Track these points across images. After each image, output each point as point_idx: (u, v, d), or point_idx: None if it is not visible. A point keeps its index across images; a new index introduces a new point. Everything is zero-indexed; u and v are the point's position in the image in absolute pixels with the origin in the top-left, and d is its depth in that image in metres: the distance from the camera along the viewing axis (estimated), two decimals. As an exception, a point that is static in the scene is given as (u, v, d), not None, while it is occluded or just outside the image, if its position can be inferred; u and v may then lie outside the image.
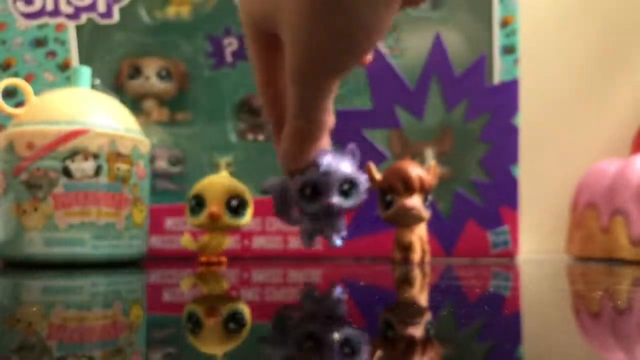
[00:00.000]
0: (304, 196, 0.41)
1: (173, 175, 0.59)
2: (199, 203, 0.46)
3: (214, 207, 0.45)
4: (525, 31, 0.68)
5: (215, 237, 0.47)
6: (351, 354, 0.17)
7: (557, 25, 0.77)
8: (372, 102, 0.59)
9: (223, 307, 0.26)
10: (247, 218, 0.47)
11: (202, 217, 0.46)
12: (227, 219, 0.46)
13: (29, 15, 0.57)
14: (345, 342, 0.18)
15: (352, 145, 0.43)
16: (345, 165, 0.41)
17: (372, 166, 0.48)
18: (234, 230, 0.49)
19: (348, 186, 0.41)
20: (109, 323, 0.21)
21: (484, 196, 0.59)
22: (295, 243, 0.57)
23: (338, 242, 0.42)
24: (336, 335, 0.19)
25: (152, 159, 0.52)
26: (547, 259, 0.64)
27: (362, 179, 0.42)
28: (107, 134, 0.43)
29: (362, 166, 0.44)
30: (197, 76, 0.59)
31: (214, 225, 0.46)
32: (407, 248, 0.47)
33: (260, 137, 0.61)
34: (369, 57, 0.39)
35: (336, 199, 0.41)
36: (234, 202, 0.46)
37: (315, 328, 0.21)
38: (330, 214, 0.41)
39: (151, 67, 0.59)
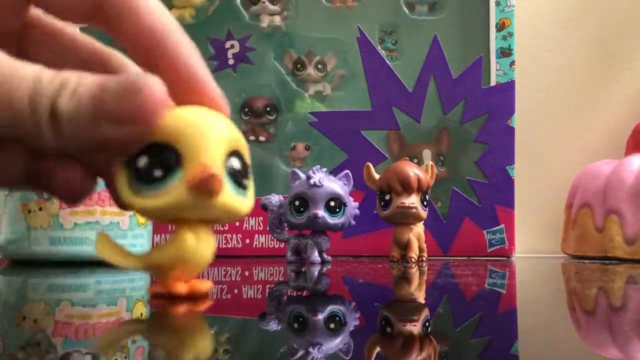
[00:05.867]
0: (294, 207, 0.46)
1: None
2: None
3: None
4: (522, 34, 0.69)
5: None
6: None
7: (553, 28, 0.78)
8: (371, 103, 0.60)
9: (226, 305, 0.26)
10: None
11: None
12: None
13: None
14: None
15: (347, 171, 0.47)
16: (335, 185, 0.46)
17: (371, 167, 0.49)
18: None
19: (335, 204, 0.44)
20: (114, 320, 0.21)
21: (481, 196, 0.60)
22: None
23: (317, 258, 0.45)
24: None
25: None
26: (543, 258, 0.65)
27: (351, 204, 0.46)
28: (111, 135, 0.44)
29: (357, 189, 0.47)
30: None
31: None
32: (404, 246, 0.48)
33: (262, 138, 0.61)
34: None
35: (321, 212, 0.45)
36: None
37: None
38: (315, 227, 0.45)
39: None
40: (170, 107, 0.21)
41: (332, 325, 0.21)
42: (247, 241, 0.58)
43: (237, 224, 0.58)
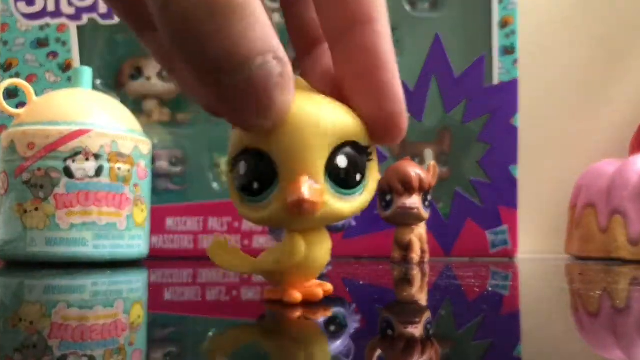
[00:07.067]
0: None
1: (174, 175, 0.59)
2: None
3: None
4: (524, 32, 0.68)
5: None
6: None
7: (556, 26, 0.78)
8: (372, 102, 0.60)
9: (224, 306, 0.26)
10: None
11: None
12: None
13: (30, 16, 0.57)
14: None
15: None
16: None
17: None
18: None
19: None
20: (110, 322, 0.21)
21: (483, 196, 0.59)
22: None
23: None
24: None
25: (153, 159, 0.52)
26: (546, 259, 0.65)
27: None
28: (109, 135, 0.43)
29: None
30: (197, 77, 0.59)
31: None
32: (406, 247, 0.48)
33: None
34: None
35: None
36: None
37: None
38: None
39: (152, 68, 0.59)
40: None
41: (332, 328, 0.20)
42: (246, 242, 0.58)
43: (237, 224, 0.58)
